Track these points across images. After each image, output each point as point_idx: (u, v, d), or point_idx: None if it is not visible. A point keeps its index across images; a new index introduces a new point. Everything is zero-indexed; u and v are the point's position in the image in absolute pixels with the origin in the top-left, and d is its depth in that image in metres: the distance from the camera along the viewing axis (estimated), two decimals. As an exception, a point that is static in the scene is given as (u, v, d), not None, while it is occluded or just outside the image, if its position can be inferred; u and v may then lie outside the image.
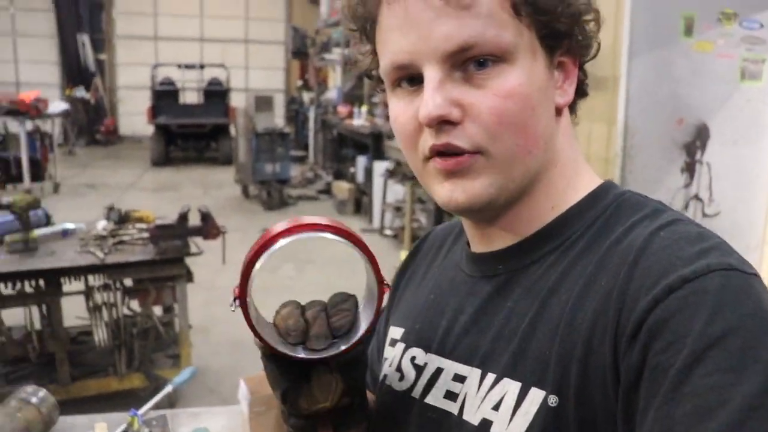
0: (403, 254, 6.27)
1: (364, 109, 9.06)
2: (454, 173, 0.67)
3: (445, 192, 0.69)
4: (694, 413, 0.51)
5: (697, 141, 2.77)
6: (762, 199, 2.88)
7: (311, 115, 12.60)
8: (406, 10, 0.64)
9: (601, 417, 0.59)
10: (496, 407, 0.66)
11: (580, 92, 0.75)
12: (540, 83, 0.67)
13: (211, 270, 5.19)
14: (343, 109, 9.95)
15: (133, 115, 16.41)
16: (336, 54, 11.05)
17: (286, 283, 5.91)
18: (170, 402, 2.25)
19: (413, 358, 0.80)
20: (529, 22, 0.66)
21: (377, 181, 7.61)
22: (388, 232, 7.58)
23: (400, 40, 0.66)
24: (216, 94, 13.94)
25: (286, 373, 0.70)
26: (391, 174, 7.21)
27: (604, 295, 0.61)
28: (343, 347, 0.67)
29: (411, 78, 0.67)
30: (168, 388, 1.85)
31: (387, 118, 0.76)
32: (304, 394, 0.69)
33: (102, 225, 3.60)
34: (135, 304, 3.53)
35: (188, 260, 3.47)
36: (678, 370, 0.53)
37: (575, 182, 0.73)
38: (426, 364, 0.78)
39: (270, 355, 0.69)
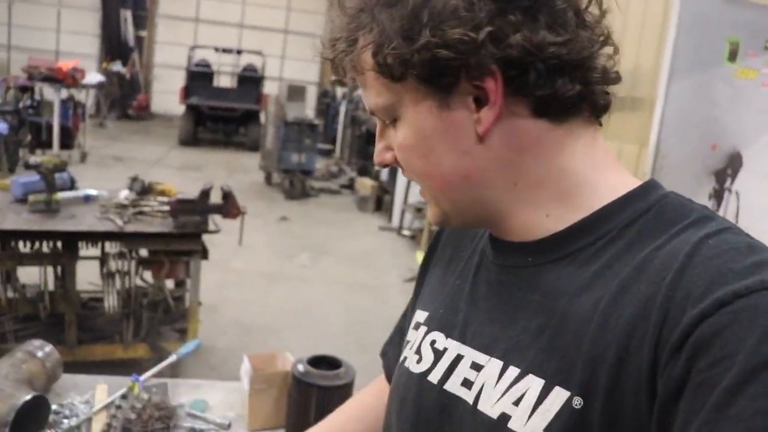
0: (419, 255, 6.23)
1: (395, 108, 9.05)
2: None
3: None
4: None
5: (728, 168, 2.72)
6: (790, 234, 2.82)
7: (342, 109, 12.61)
8: None
9: (627, 424, 0.58)
10: (516, 402, 0.65)
11: (537, 97, 0.67)
12: (431, 129, 0.69)
13: (228, 251, 5.22)
14: (374, 107, 9.94)
15: (167, 94, 16.57)
16: (373, 52, 11.03)
17: (301, 273, 5.92)
18: (172, 374, 2.25)
19: (433, 342, 0.79)
20: (398, 78, 0.68)
21: (401, 181, 7.61)
22: (406, 232, 7.56)
23: None
24: (250, 80, 14.01)
25: None
26: (415, 175, 7.19)
27: (644, 300, 0.59)
28: None
29: None
30: (172, 358, 1.85)
31: None
32: None
33: (124, 194, 3.62)
34: (148, 276, 3.55)
35: (205, 238, 3.48)
36: (724, 390, 0.51)
37: (581, 190, 0.70)
38: (446, 349, 0.77)
39: None
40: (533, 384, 0.64)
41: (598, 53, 0.69)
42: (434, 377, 0.76)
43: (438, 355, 0.77)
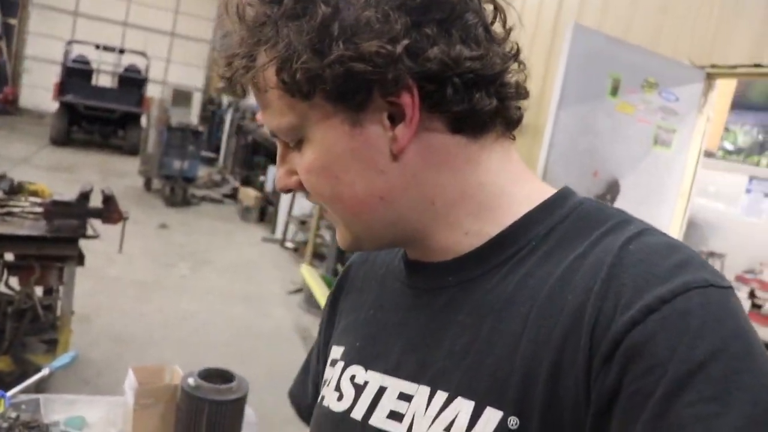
0: (305, 268, 6.11)
1: (284, 120, 9.01)
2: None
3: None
4: None
5: (608, 195, 2.89)
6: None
7: (228, 118, 12.35)
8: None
9: None
10: (448, 428, 0.62)
11: (462, 110, 0.65)
12: (342, 149, 0.65)
13: (104, 258, 4.95)
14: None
15: (38, 89, 15.54)
16: (263, 61, 10.92)
17: (180, 283, 5.70)
18: (38, 389, 2.08)
19: (353, 377, 0.75)
20: (306, 95, 0.63)
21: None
22: (289, 244, 7.49)
23: None
24: (132, 82, 13.43)
25: None
26: (302, 188, 7.16)
27: (573, 311, 0.58)
28: None
29: None
30: (44, 371, 1.71)
31: None
32: None
33: (-10, 193, 3.34)
34: (14, 282, 3.27)
35: (81, 243, 3.26)
36: (660, 399, 0.51)
37: (498, 202, 0.69)
38: (367, 383, 0.72)
39: None
40: (463, 407, 0.62)
41: (509, 68, 0.68)
42: (357, 414, 0.72)
43: (359, 390, 0.73)
